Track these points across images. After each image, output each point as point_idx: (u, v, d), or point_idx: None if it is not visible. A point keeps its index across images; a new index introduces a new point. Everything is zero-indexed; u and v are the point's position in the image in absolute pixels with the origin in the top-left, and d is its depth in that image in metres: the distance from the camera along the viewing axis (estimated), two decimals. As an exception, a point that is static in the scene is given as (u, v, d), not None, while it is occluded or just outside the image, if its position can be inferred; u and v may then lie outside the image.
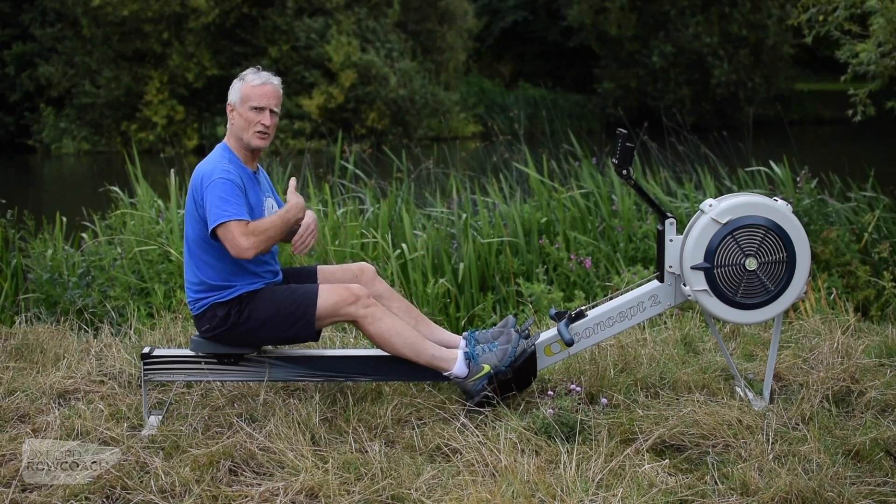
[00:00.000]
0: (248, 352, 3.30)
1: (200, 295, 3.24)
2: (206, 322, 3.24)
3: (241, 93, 3.24)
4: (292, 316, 3.19)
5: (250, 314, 3.20)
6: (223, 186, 3.11)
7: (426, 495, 2.69)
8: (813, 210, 6.30)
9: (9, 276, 5.95)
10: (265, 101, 3.24)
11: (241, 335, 3.23)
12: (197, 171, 3.21)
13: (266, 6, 23.66)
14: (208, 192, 3.11)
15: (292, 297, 3.22)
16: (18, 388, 3.55)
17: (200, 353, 3.30)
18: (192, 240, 3.24)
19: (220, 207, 3.08)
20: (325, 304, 3.19)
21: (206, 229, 3.15)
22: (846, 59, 7.74)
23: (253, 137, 3.25)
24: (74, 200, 11.11)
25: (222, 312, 3.20)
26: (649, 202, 3.41)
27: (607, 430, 3.09)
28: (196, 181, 3.19)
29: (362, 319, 3.21)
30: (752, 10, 26.22)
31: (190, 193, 3.22)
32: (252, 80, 3.25)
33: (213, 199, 3.09)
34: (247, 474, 2.85)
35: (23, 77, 23.75)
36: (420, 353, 3.25)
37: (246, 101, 3.23)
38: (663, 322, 4.45)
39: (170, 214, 6.06)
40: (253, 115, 3.23)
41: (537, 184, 6.62)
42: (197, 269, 3.24)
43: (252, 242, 3.08)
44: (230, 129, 3.29)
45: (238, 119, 3.25)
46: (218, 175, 3.13)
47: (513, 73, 31.11)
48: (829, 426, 3.12)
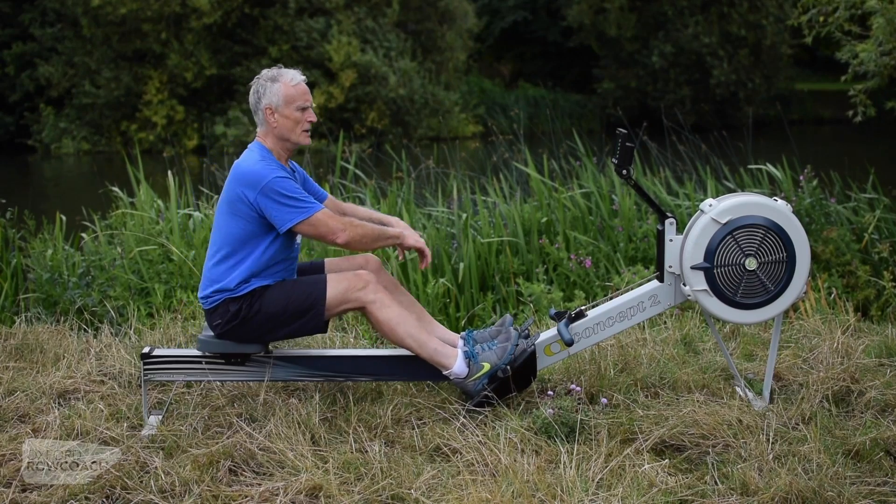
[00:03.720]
0: (256, 351, 3.30)
1: (216, 286, 3.24)
2: (217, 317, 3.24)
3: (283, 95, 3.24)
4: (302, 306, 3.20)
5: (261, 307, 3.20)
6: (285, 184, 3.15)
7: (426, 495, 2.69)
8: (814, 210, 6.30)
9: (9, 276, 5.94)
10: (307, 98, 3.28)
11: (252, 329, 3.23)
12: (242, 173, 3.19)
13: (267, 6, 23.66)
14: (269, 193, 3.13)
15: (301, 287, 3.24)
16: (18, 388, 3.55)
17: (207, 352, 3.30)
18: (226, 235, 3.23)
19: (294, 205, 3.14)
20: (335, 291, 3.21)
21: (248, 225, 3.17)
22: (847, 59, 7.73)
23: (302, 136, 3.29)
24: (74, 200, 11.11)
25: (235, 307, 3.21)
26: (649, 202, 3.41)
27: (607, 430, 3.09)
28: (243, 181, 3.17)
29: (371, 305, 3.21)
30: (751, 10, 26.22)
31: (232, 192, 3.20)
32: (290, 81, 3.27)
33: (281, 199, 3.13)
34: (247, 474, 2.85)
35: (23, 77, 23.75)
36: (423, 345, 3.26)
37: (291, 102, 3.25)
38: (663, 322, 4.45)
39: (170, 214, 6.06)
40: (299, 114, 3.26)
41: (537, 184, 6.62)
42: (221, 264, 3.24)
43: (343, 224, 3.17)
44: (268, 130, 3.28)
45: (283, 121, 3.25)
46: (274, 175, 3.15)
47: (513, 73, 31.10)
48: (829, 426, 3.12)
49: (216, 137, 21.48)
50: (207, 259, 3.31)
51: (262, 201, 3.14)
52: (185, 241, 5.86)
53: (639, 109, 24.29)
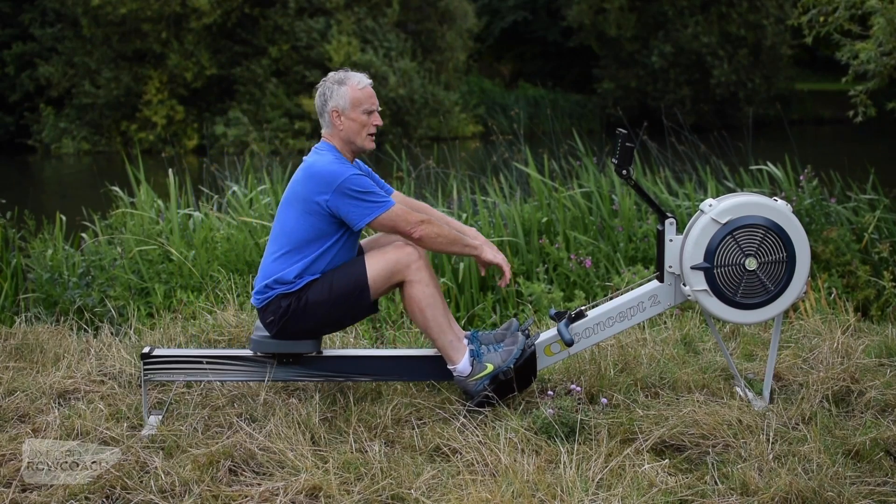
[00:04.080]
0: (308, 350, 3.29)
1: (272, 278, 3.23)
2: (270, 314, 3.25)
3: (351, 98, 3.26)
4: (346, 290, 3.20)
5: (308, 299, 3.20)
6: (360, 181, 3.17)
7: (426, 495, 2.69)
8: (814, 210, 6.30)
9: (9, 276, 5.94)
10: (373, 102, 3.29)
11: (304, 323, 3.23)
12: (316, 172, 3.19)
13: (267, 6, 23.67)
14: (346, 191, 3.14)
15: (341, 272, 3.23)
16: (18, 388, 3.55)
17: (259, 353, 3.30)
18: (291, 232, 3.23)
19: (372, 199, 3.17)
20: (377, 269, 3.20)
21: (317, 223, 3.18)
22: (847, 59, 7.73)
23: (367, 140, 3.30)
24: (74, 200, 11.11)
25: (286, 303, 3.21)
26: (649, 202, 3.41)
27: (607, 430, 3.09)
28: (318, 180, 3.17)
29: (413, 282, 3.21)
30: (751, 10, 26.22)
31: (303, 191, 3.20)
32: (357, 84, 3.28)
33: (358, 195, 3.15)
34: (247, 474, 2.85)
35: (23, 77, 23.76)
36: (443, 333, 3.25)
37: (358, 106, 3.26)
38: (663, 322, 4.45)
39: (170, 214, 6.06)
40: (366, 118, 3.27)
41: (537, 183, 6.62)
42: (282, 260, 3.23)
43: (421, 219, 3.22)
44: (335, 133, 3.29)
45: (349, 123, 3.26)
46: (350, 173, 3.17)
47: (513, 73, 31.11)
48: (829, 426, 3.12)
49: (216, 137, 21.48)
50: (267, 256, 3.30)
51: (337, 200, 3.15)
52: (185, 241, 5.86)
53: (639, 109, 24.30)
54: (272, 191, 6.70)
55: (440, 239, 3.26)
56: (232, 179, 7.61)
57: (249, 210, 6.49)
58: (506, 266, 3.33)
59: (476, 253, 3.32)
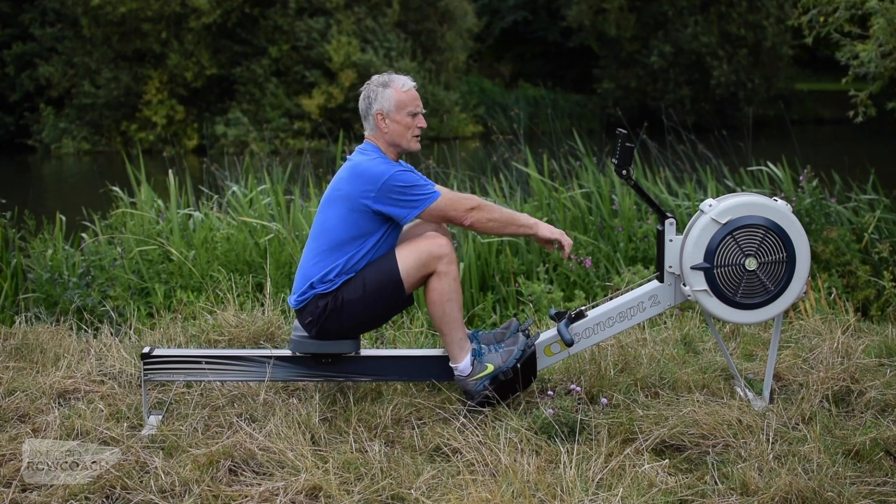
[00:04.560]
0: (347, 350, 3.29)
1: (308, 282, 3.24)
2: (308, 315, 3.25)
3: (396, 100, 3.26)
4: (379, 284, 3.19)
5: (343, 296, 3.21)
6: (405, 177, 3.19)
7: (426, 495, 2.69)
8: (814, 210, 6.30)
9: (9, 276, 5.94)
10: (418, 104, 3.30)
11: (343, 322, 3.23)
12: (362, 171, 3.20)
13: (267, 6, 23.67)
14: (392, 188, 3.15)
15: (373, 267, 3.23)
16: (18, 388, 3.55)
17: (298, 353, 3.31)
18: (332, 230, 3.23)
19: (420, 192, 3.18)
20: (408, 261, 3.20)
21: (361, 221, 3.18)
22: (846, 60, 7.73)
23: (412, 142, 3.31)
24: (74, 200, 11.10)
25: (323, 303, 3.22)
26: (649, 202, 3.41)
27: (607, 429, 3.09)
28: (364, 179, 3.18)
29: (442, 274, 3.19)
30: (750, 10, 26.23)
31: (349, 190, 3.20)
32: (401, 86, 3.28)
33: (405, 190, 3.17)
34: (247, 474, 2.85)
35: (23, 77, 23.77)
36: (455, 329, 3.25)
37: (403, 108, 3.26)
38: (663, 322, 4.45)
39: (170, 214, 6.06)
40: (410, 120, 3.28)
41: (537, 183, 6.62)
42: (326, 257, 3.23)
43: (473, 203, 3.22)
44: (379, 135, 3.29)
45: (394, 126, 3.27)
46: (395, 169, 3.19)
47: (513, 73, 31.12)
48: (829, 426, 3.12)
49: (216, 137, 21.49)
50: (307, 256, 3.30)
51: (384, 198, 3.16)
52: (185, 241, 5.86)
53: (639, 109, 24.30)
54: (272, 191, 6.70)
55: (492, 223, 3.25)
56: (232, 179, 7.62)
57: (249, 210, 6.49)
58: (564, 239, 3.33)
59: (532, 231, 3.31)
